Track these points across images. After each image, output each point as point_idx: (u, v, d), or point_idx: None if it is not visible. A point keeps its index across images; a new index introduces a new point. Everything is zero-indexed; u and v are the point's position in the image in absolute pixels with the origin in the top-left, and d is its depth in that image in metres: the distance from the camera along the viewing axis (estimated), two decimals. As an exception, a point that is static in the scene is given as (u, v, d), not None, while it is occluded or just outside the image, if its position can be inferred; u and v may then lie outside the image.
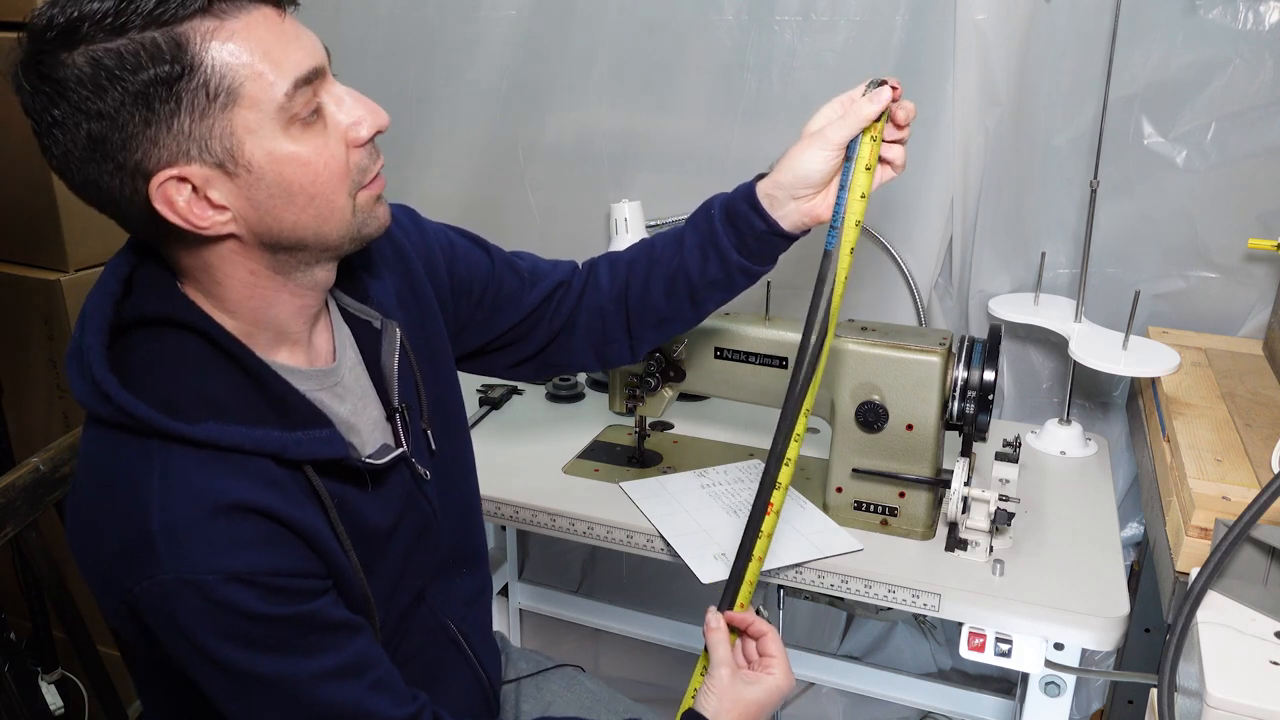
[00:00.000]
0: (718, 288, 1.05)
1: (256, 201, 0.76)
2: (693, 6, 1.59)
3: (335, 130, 0.78)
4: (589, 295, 1.11)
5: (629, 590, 2.03)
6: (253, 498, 0.74)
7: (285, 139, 0.74)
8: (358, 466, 0.84)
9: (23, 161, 1.50)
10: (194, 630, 0.73)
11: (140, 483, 0.73)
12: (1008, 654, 1.11)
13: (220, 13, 0.71)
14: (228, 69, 0.71)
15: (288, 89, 0.73)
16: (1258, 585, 0.91)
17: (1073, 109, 1.43)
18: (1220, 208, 1.40)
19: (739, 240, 1.01)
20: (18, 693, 1.01)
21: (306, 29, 0.77)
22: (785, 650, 1.00)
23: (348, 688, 0.79)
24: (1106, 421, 1.57)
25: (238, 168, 0.74)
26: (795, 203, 0.97)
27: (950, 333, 1.21)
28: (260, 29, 0.72)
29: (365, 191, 0.81)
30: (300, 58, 0.74)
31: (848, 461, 1.22)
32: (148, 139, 0.72)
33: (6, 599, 1.75)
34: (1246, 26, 1.32)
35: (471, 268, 1.07)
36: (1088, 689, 1.65)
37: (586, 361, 1.15)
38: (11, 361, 1.63)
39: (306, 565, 0.78)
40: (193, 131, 0.72)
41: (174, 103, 0.71)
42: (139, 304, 0.80)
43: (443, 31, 1.75)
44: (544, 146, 1.76)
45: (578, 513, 1.29)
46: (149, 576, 0.72)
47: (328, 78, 0.78)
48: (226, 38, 0.71)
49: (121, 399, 0.73)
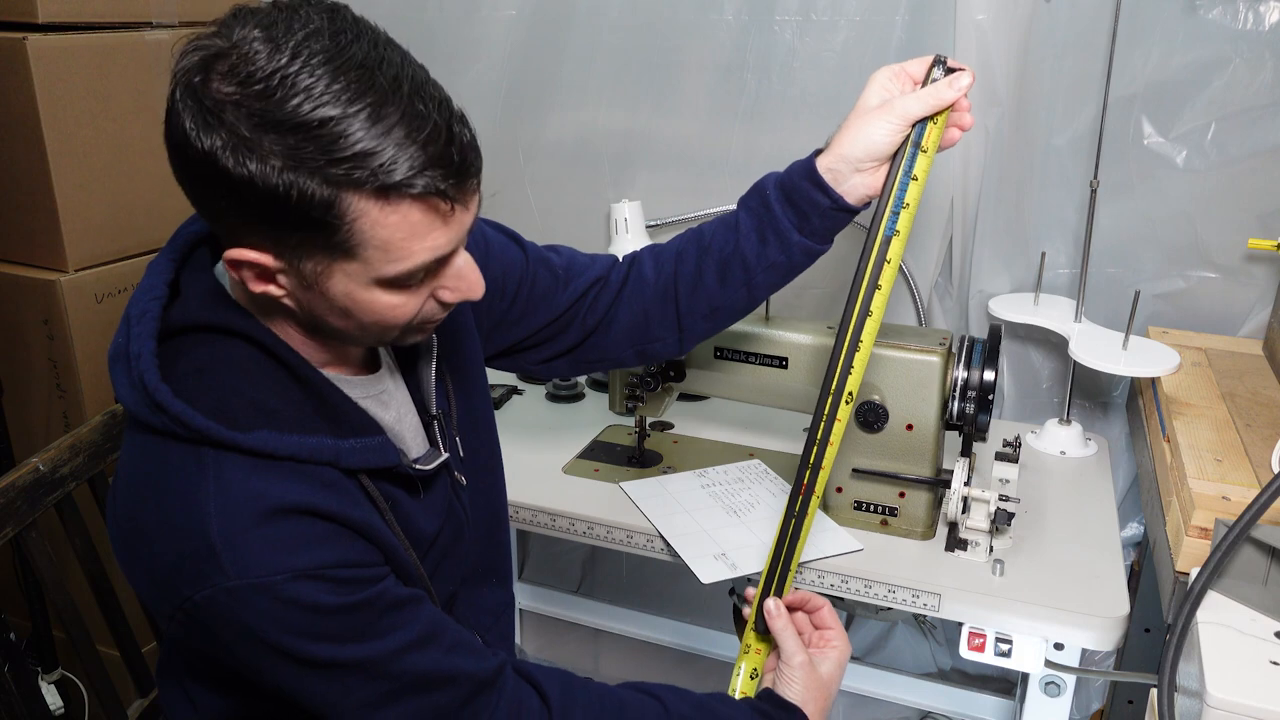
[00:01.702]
0: (776, 271, 1.03)
1: (313, 307, 0.78)
2: (693, 6, 1.59)
3: (428, 290, 0.79)
4: (630, 290, 1.09)
5: (629, 590, 2.03)
6: (309, 500, 0.75)
7: (378, 291, 0.76)
8: (410, 473, 0.85)
9: (23, 161, 1.50)
10: (268, 632, 0.74)
11: (196, 491, 0.73)
12: (1008, 654, 1.11)
13: (384, 203, 0.70)
14: (362, 237, 0.72)
15: (400, 272, 0.74)
16: (1258, 585, 0.91)
17: (1073, 109, 1.43)
18: (1220, 208, 1.40)
19: (800, 219, 0.99)
20: (18, 693, 1.01)
21: (471, 210, 0.76)
22: (838, 617, 1.03)
23: (428, 655, 0.80)
24: (1106, 421, 1.57)
25: (314, 287, 0.75)
26: (859, 176, 0.95)
27: (950, 333, 1.21)
28: (415, 217, 0.72)
29: (414, 332, 0.83)
30: (436, 245, 0.74)
31: (848, 461, 1.22)
32: (252, 229, 0.72)
33: (6, 599, 1.75)
34: (1246, 26, 1.32)
35: (506, 265, 1.06)
36: (1088, 689, 1.65)
37: (625, 357, 1.13)
38: (11, 361, 1.63)
39: (367, 555, 0.79)
40: (295, 250, 0.73)
41: (297, 235, 0.72)
42: (188, 310, 0.80)
43: (443, 31, 1.75)
44: (544, 146, 1.76)
45: (578, 513, 1.29)
46: (213, 585, 0.72)
47: (452, 256, 0.78)
48: (382, 218, 0.71)
49: (176, 409, 0.73)
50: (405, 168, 0.70)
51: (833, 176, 0.96)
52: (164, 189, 0.79)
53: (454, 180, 0.73)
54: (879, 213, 0.94)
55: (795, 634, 1.00)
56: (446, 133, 0.72)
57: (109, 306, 1.59)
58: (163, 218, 1.64)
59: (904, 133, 0.93)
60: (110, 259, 1.59)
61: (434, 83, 0.74)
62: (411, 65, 0.73)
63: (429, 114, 0.71)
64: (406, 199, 0.71)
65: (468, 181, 0.74)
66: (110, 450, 1.18)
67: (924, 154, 0.93)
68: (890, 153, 0.94)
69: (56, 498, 1.10)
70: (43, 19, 1.46)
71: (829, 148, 0.96)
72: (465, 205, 0.75)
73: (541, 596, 2.04)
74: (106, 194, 1.56)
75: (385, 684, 0.78)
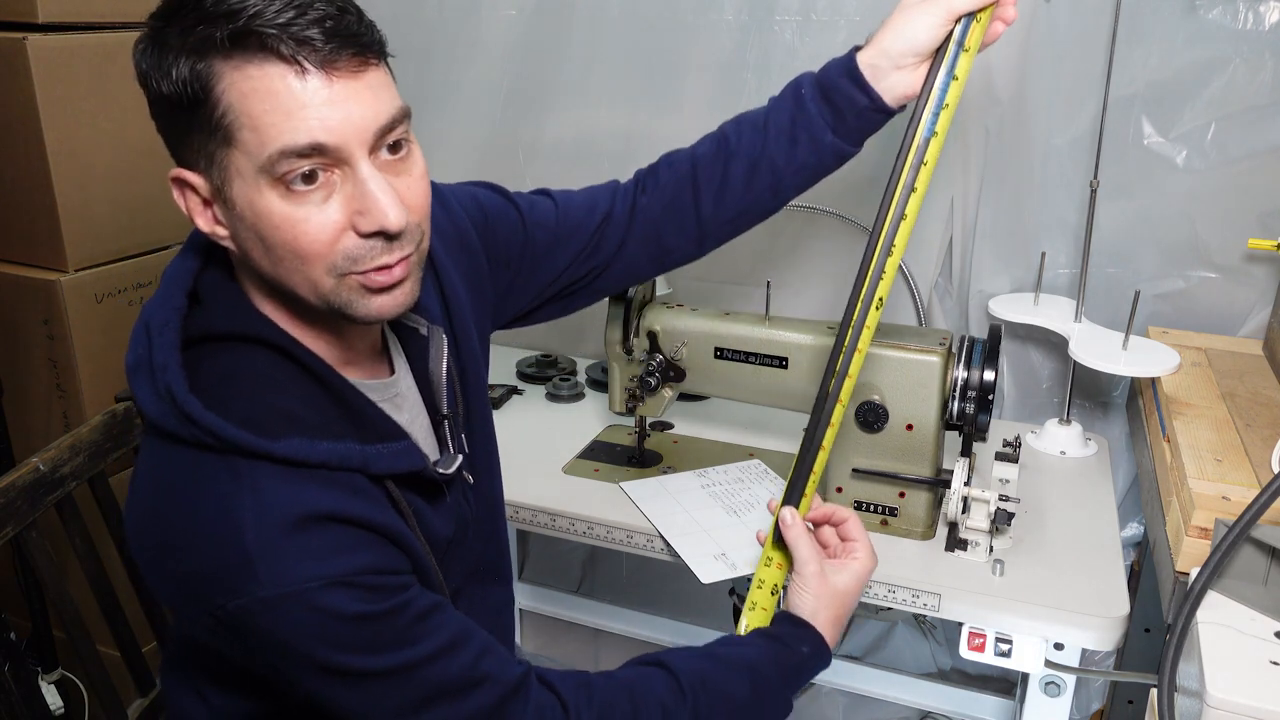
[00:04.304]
0: (806, 172, 1.01)
1: (240, 238, 0.77)
2: (693, 6, 1.59)
3: (337, 208, 0.74)
4: (640, 218, 1.08)
5: (629, 590, 2.03)
6: (342, 507, 0.74)
7: (270, 194, 0.73)
8: (433, 477, 0.85)
9: (23, 161, 1.50)
10: (301, 642, 0.73)
11: (231, 501, 0.72)
12: (1008, 654, 1.11)
13: (240, 60, 0.70)
14: (232, 111, 0.71)
15: (272, 153, 0.71)
16: (1258, 585, 0.91)
17: (1073, 109, 1.43)
18: (1220, 208, 1.39)
19: (836, 118, 0.98)
20: (18, 693, 1.01)
21: (361, 100, 0.73)
22: (866, 531, 1.01)
23: (457, 660, 0.79)
24: (1106, 421, 1.57)
25: (230, 205, 0.75)
26: (899, 74, 0.94)
27: (950, 333, 1.21)
28: (277, 85, 0.70)
29: (354, 278, 0.77)
30: (305, 128, 0.71)
31: (848, 461, 1.22)
32: (177, 141, 0.76)
33: (6, 599, 1.75)
34: (1246, 26, 1.32)
35: (509, 233, 1.05)
36: (1088, 689, 1.65)
37: (643, 275, 1.14)
38: (11, 361, 1.63)
39: (397, 562, 0.79)
40: (200, 152, 0.74)
41: (190, 127, 0.73)
42: (211, 319, 0.80)
43: (443, 31, 1.75)
44: (544, 146, 1.76)
45: (578, 513, 1.29)
46: (247, 594, 0.71)
47: (353, 158, 0.73)
48: (242, 82, 0.71)
49: (208, 421, 0.72)
50: (256, 11, 0.69)
51: (872, 73, 0.95)
52: (164, 189, 0.79)
53: (320, 33, 0.70)
54: (917, 112, 0.93)
55: (810, 543, 0.98)
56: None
57: (109, 306, 1.59)
58: (163, 218, 1.64)
59: (947, 28, 0.92)
60: (110, 259, 1.59)
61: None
62: None
63: None
64: (260, 53, 0.70)
65: (345, 44, 0.71)
66: (110, 450, 1.18)
67: (966, 53, 0.92)
68: (933, 48, 0.93)
69: (56, 498, 1.10)
70: (43, 19, 1.46)
71: (870, 43, 0.96)
72: (348, 76, 0.72)
73: (541, 596, 2.04)
74: (106, 194, 1.56)
75: (417, 691, 0.77)
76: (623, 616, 1.98)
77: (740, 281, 1.69)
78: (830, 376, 0.97)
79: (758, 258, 1.67)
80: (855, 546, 1.00)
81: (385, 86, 0.76)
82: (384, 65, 0.77)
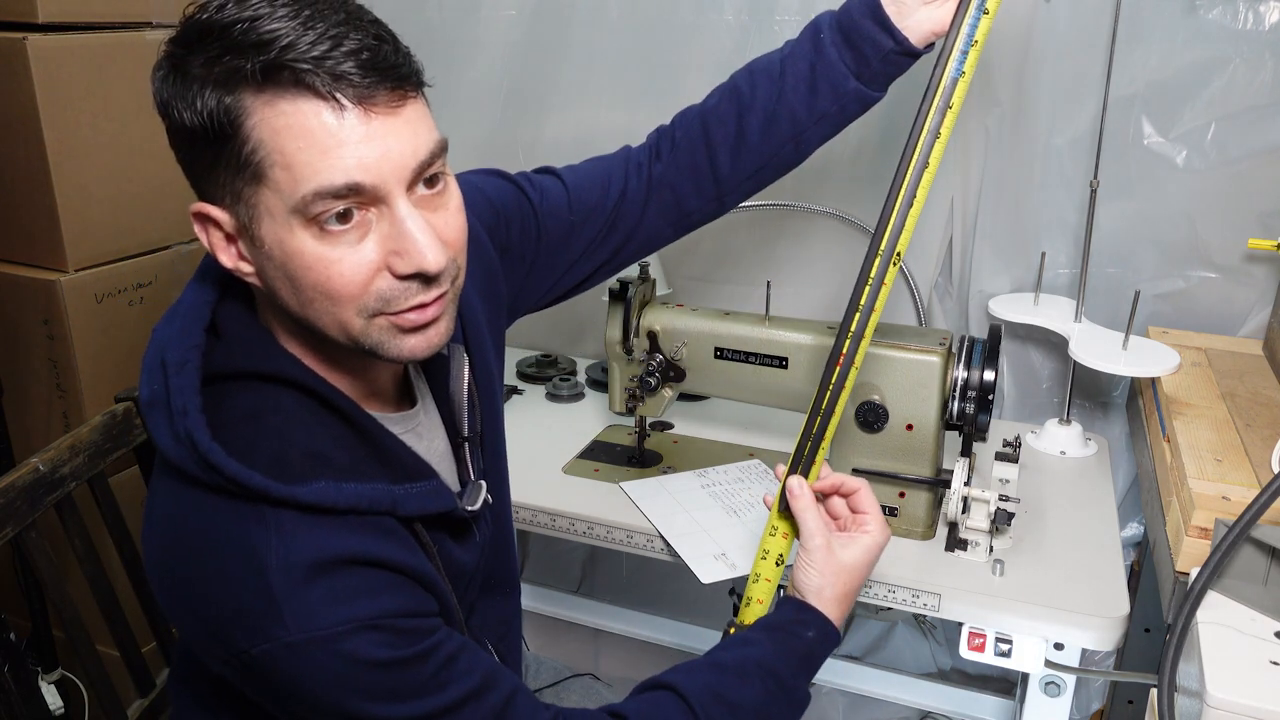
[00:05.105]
0: (828, 122, 0.97)
1: (267, 277, 0.73)
2: (693, 6, 1.59)
3: (373, 248, 0.71)
4: (656, 185, 1.04)
5: (629, 590, 2.03)
6: (369, 549, 0.72)
7: (303, 234, 0.69)
8: (462, 516, 0.83)
9: (23, 161, 1.50)
10: (326, 690, 0.70)
11: (257, 545, 0.70)
12: (1008, 654, 1.11)
13: (272, 95, 0.67)
14: (262, 148, 0.68)
15: (306, 193, 0.68)
16: (1258, 585, 0.91)
17: (1073, 109, 1.43)
18: (1220, 208, 1.40)
19: (859, 63, 0.93)
20: (18, 693, 1.01)
21: (399, 136, 0.70)
22: (878, 503, 0.95)
23: (486, 703, 0.77)
24: (1106, 421, 1.57)
25: (258, 243, 0.71)
26: (926, 9, 0.90)
27: (950, 333, 1.21)
28: (311, 122, 0.67)
29: (385, 318, 0.73)
30: (342, 167, 0.67)
31: (848, 461, 1.22)
32: (200, 175, 0.72)
33: (6, 599, 1.75)
34: (1246, 26, 1.32)
35: (522, 228, 1.01)
36: (1088, 689, 1.65)
37: (666, 241, 1.10)
38: (11, 361, 1.63)
39: (425, 604, 0.77)
40: (225, 187, 0.70)
41: (218, 161, 0.70)
42: (233, 357, 0.76)
43: (443, 31, 1.75)
44: (544, 146, 1.76)
45: (578, 513, 1.29)
46: (272, 639, 0.69)
47: (390, 196, 0.70)
48: (274, 118, 0.67)
49: (232, 470, 0.69)
50: (288, 43, 0.65)
51: (897, 9, 0.90)
52: (164, 189, 0.80)
53: (357, 67, 0.67)
54: (945, 50, 0.88)
55: (818, 515, 0.93)
56: (357, 26, 0.68)
57: (109, 306, 1.60)
58: (163, 218, 1.64)
59: None
60: (110, 259, 1.59)
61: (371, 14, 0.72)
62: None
63: (339, 9, 0.68)
64: (293, 88, 0.66)
65: (383, 78, 0.68)
66: (110, 450, 1.18)
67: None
68: None
69: (56, 498, 1.10)
70: (43, 19, 1.46)
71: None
72: (386, 112, 0.68)
73: (541, 596, 2.04)
74: (106, 194, 1.56)
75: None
76: (623, 616, 1.98)
77: (740, 281, 1.69)
78: (845, 336, 0.92)
79: (758, 258, 1.67)
80: (866, 519, 0.94)
81: (423, 119, 0.73)
82: (421, 96, 0.74)
